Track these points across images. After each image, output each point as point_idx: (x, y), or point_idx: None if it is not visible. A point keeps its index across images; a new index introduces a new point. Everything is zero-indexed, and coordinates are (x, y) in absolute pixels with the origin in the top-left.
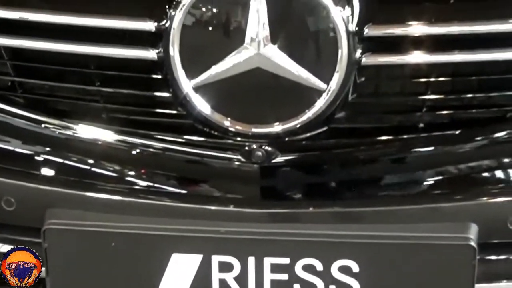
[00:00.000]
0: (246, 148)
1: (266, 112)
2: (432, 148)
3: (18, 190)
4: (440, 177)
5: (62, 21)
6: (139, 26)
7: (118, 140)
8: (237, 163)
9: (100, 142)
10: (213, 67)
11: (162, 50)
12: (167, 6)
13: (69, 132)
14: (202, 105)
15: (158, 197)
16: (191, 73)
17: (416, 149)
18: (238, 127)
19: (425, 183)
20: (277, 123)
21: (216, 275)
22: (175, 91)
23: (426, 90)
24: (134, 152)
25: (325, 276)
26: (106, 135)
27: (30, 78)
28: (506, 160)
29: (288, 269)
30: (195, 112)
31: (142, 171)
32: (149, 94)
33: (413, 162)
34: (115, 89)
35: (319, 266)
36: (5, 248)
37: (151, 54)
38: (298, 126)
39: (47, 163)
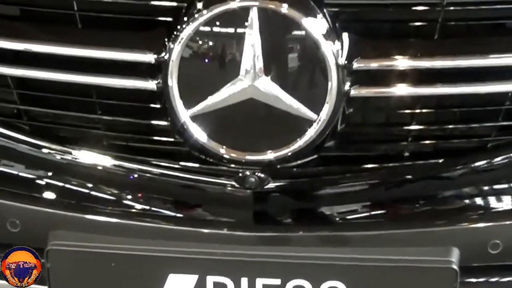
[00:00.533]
0: (240, 174)
1: (260, 140)
2: (416, 176)
3: (22, 212)
4: (423, 203)
5: (66, 52)
6: (139, 58)
7: (118, 166)
8: (231, 188)
9: (100, 168)
10: (209, 97)
11: (161, 81)
12: (166, 39)
13: (71, 158)
14: (199, 134)
15: (156, 220)
16: (189, 103)
17: (401, 177)
18: (233, 155)
19: (409, 209)
20: (270, 151)
21: None
22: (173, 119)
23: (411, 120)
24: (132, 177)
25: None
26: (106, 161)
27: (35, 106)
28: (486, 188)
29: None
30: (192, 140)
31: (140, 195)
32: (148, 123)
33: (398, 189)
34: (116, 117)
35: (309, 287)
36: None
37: (150, 84)
38: (289, 154)
39: (50, 187)
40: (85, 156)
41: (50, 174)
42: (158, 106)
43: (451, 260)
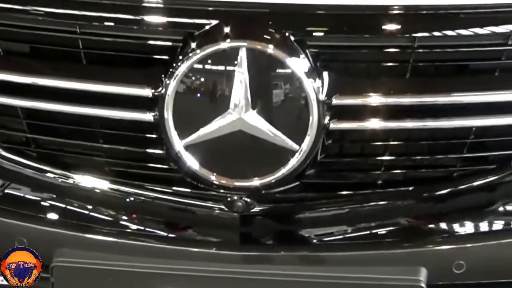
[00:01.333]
0: (228, 199)
1: (247, 168)
2: (388, 202)
3: (29, 231)
4: (394, 227)
5: (71, 86)
6: (138, 92)
7: (116, 190)
8: (219, 211)
9: (100, 191)
10: (202, 129)
11: (157, 113)
12: (162, 76)
13: (74, 182)
14: (192, 162)
15: (150, 240)
16: (183, 134)
17: (374, 203)
18: (222, 181)
19: (381, 232)
20: (256, 178)
21: None
22: (168, 148)
23: (384, 152)
24: (129, 200)
25: None
26: (105, 185)
27: (42, 135)
28: (451, 213)
29: None
30: (185, 167)
31: (136, 217)
32: (145, 151)
33: (371, 214)
34: (116, 146)
35: None
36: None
37: (148, 116)
38: (274, 181)
39: (54, 209)
40: (87, 181)
41: (55, 196)
42: (154, 136)
43: (419, 279)
